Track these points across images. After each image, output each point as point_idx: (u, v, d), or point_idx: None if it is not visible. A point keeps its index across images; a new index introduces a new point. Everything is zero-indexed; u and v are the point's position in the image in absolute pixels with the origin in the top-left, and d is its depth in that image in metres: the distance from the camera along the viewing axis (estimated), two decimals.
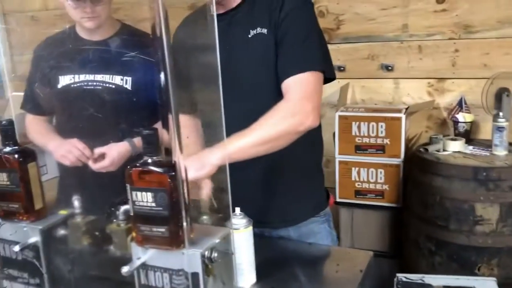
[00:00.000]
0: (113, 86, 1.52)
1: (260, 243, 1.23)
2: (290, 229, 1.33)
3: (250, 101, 1.24)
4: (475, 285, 1.11)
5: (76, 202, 0.95)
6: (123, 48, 1.56)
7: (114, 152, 1.46)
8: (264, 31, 1.21)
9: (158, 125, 1.55)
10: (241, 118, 1.14)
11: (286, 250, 1.23)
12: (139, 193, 0.79)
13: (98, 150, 1.46)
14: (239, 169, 1.11)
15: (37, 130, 1.61)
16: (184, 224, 0.78)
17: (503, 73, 2.08)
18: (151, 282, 0.84)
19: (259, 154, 1.13)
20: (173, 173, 0.76)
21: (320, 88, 1.21)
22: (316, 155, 1.41)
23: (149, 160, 0.79)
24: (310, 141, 1.30)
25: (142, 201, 0.79)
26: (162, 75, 0.75)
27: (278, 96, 1.20)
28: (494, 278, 1.15)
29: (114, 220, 0.92)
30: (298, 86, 1.18)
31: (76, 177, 1.49)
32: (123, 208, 0.90)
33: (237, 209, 1.06)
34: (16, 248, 0.89)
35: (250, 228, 1.05)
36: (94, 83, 1.53)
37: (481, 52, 2.19)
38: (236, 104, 1.17)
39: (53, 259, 0.93)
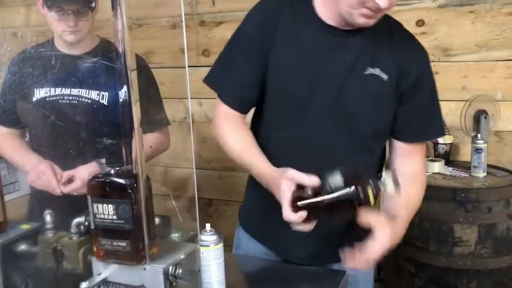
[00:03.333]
0: (89, 101, 1.50)
1: (232, 261, 1.20)
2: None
3: (343, 138, 1.15)
4: None
5: (48, 217, 0.91)
6: (100, 63, 1.55)
7: (84, 174, 1.42)
8: (384, 77, 1.11)
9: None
10: (319, 152, 1.12)
11: (259, 269, 1.20)
12: (100, 205, 0.76)
13: (66, 174, 1.42)
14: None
15: (12, 147, 1.57)
16: (146, 238, 0.75)
17: (481, 95, 2.10)
18: None
19: None
20: (135, 185, 0.74)
21: None
22: None
23: (112, 171, 0.76)
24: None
25: (103, 214, 0.76)
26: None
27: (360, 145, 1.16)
28: None
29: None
30: (422, 154, 1.22)
31: (47, 195, 1.45)
32: (76, 220, 0.87)
33: (207, 225, 1.03)
34: None
35: (221, 245, 1.02)
36: (70, 97, 1.50)
37: (459, 75, 2.21)
38: (322, 137, 1.13)
39: (12, 276, 0.89)
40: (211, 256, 1.01)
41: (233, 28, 1.26)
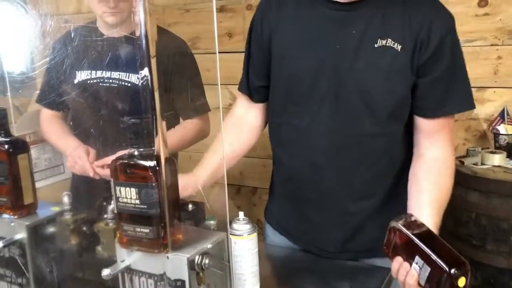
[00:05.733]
0: (129, 85, 1.48)
1: (267, 252, 1.14)
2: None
3: (356, 120, 1.07)
4: None
5: (66, 198, 0.89)
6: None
7: None
8: (397, 47, 1.01)
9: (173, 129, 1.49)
10: (331, 137, 1.07)
11: (295, 262, 1.13)
12: (122, 189, 0.71)
13: (106, 159, 1.41)
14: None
15: (53, 130, 1.58)
16: (168, 225, 0.70)
17: None
18: None
19: None
20: (158, 167, 0.69)
21: None
22: None
23: (135, 152, 0.72)
24: None
25: (126, 198, 0.72)
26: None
27: (387, 125, 1.07)
28: None
29: (105, 217, 0.85)
30: (448, 133, 1.10)
31: (84, 179, 1.44)
32: (112, 206, 0.83)
33: (241, 214, 0.97)
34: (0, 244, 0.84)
35: (254, 235, 0.96)
36: (110, 81, 1.49)
37: None
38: (334, 120, 1.06)
39: (39, 258, 0.87)
40: (244, 246, 0.95)
41: None
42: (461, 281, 0.80)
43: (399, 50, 1.01)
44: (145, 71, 0.68)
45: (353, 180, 1.11)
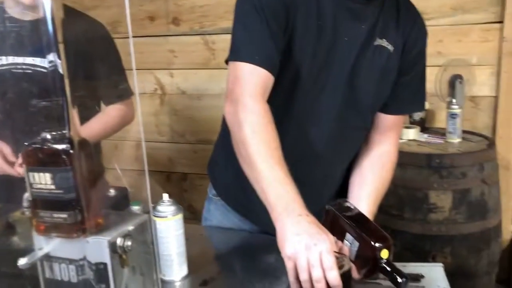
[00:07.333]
0: (45, 70, 1.41)
1: (196, 233, 1.15)
2: None
3: (351, 114, 1.09)
4: (422, 271, 1.06)
5: None
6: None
7: None
8: (390, 48, 1.06)
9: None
10: (326, 126, 1.08)
11: (223, 241, 1.15)
12: (36, 174, 0.69)
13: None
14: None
15: None
16: (86, 209, 0.69)
17: (456, 60, 2.06)
18: (56, 276, 0.75)
19: None
20: (73, 151, 0.67)
21: None
22: None
23: (48, 136, 0.69)
24: None
25: (41, 183, 0.69)
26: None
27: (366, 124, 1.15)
28: (441, 264, 1.10)
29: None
30: (399, 130, 1.22)
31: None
32: (27, 194, 0.80)
33: (165, 195, 0.98)
34: None
35: (180, 216, 0.97)
36: (24, 67, 1.41)
37: (434, 40, 2.16)
38: (332, 109, 1.07)
39: None
40: (170, 227, 0.96)
41: None
42: (384, 253, 0.88)
43: (391, 51, 1.06)
44: (52, 56, 0.66)
45: (335, 170, 1.17)
